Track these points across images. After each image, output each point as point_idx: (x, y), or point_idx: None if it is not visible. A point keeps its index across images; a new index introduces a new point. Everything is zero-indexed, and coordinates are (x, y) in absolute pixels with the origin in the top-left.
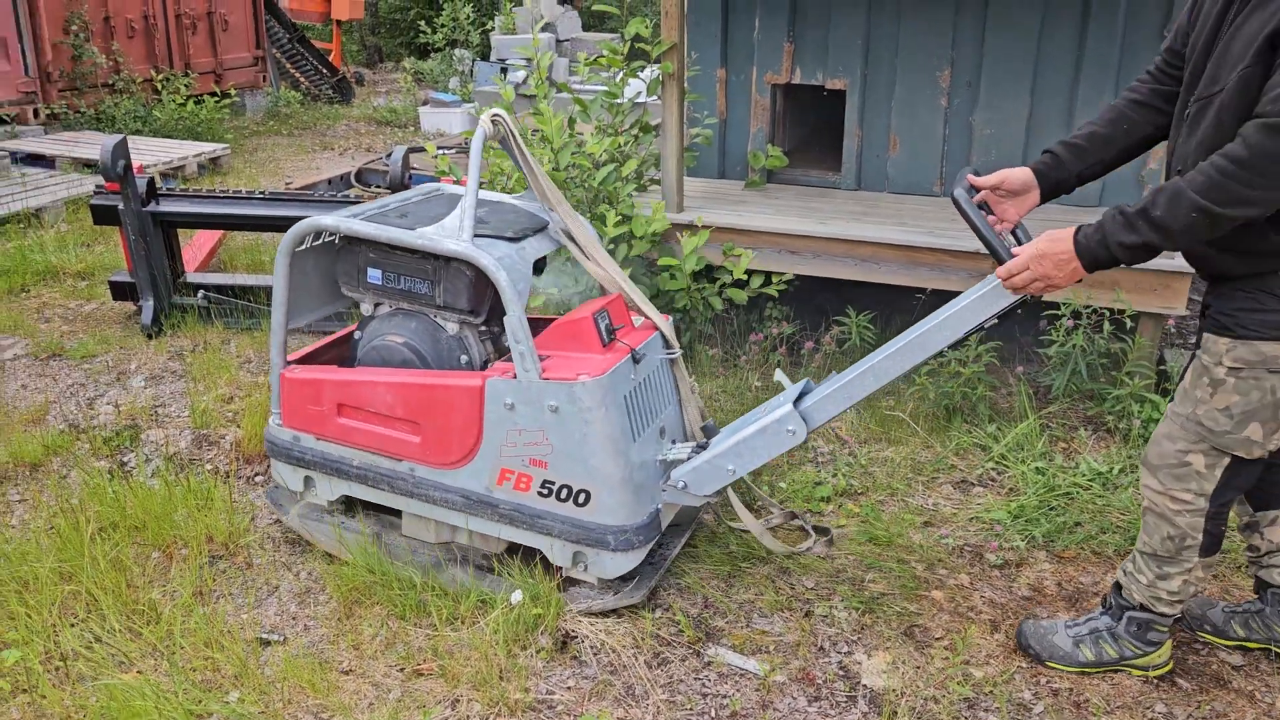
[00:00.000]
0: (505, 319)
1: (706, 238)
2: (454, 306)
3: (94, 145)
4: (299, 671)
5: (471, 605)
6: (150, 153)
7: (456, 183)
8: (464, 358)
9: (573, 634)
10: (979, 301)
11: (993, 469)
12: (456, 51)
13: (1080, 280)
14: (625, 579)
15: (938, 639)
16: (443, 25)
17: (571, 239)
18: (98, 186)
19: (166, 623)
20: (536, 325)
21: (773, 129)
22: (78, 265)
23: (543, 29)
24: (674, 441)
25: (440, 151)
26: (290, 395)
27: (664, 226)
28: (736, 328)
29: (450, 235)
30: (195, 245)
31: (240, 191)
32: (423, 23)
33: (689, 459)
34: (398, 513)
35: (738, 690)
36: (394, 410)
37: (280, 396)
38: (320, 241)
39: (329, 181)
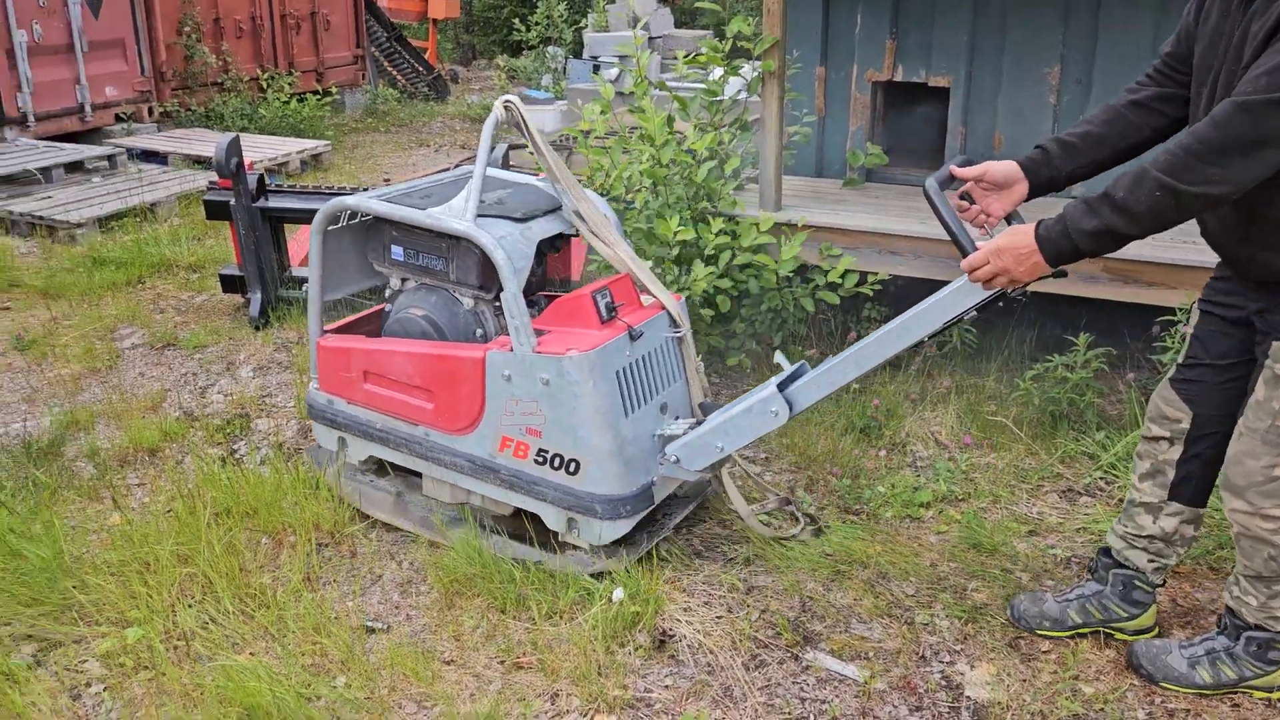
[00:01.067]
0: (502, 295)
1: (804, 239)
2: (466, 282)
3: (204, 142)
4: (403, 660)
5: (570, 600)
6: (256, 149)
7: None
8: (479, 331)
9: (670, 633)
10: (956, 294)
11: (1101, 478)
12: (549, 49)
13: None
14: (620, 544)
15: (1044, 652)
16: (536, 23)
17: (582, 219)
18: (211, 183)
19: (277, 607)
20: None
21: (872, 127)
22: (189, 258)
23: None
24: (677, 418)
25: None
26: (325, 361)
27: (767, 240)
28: (834, 328)
29: (456, 215)
30: (300, 240)
31: (344, 188)
32: (516, 20)
33: (684, 435)
34: (420, 474)
35: (837, 696)
36: (410, 378)
37: (317, 362)
38: (356, 220)
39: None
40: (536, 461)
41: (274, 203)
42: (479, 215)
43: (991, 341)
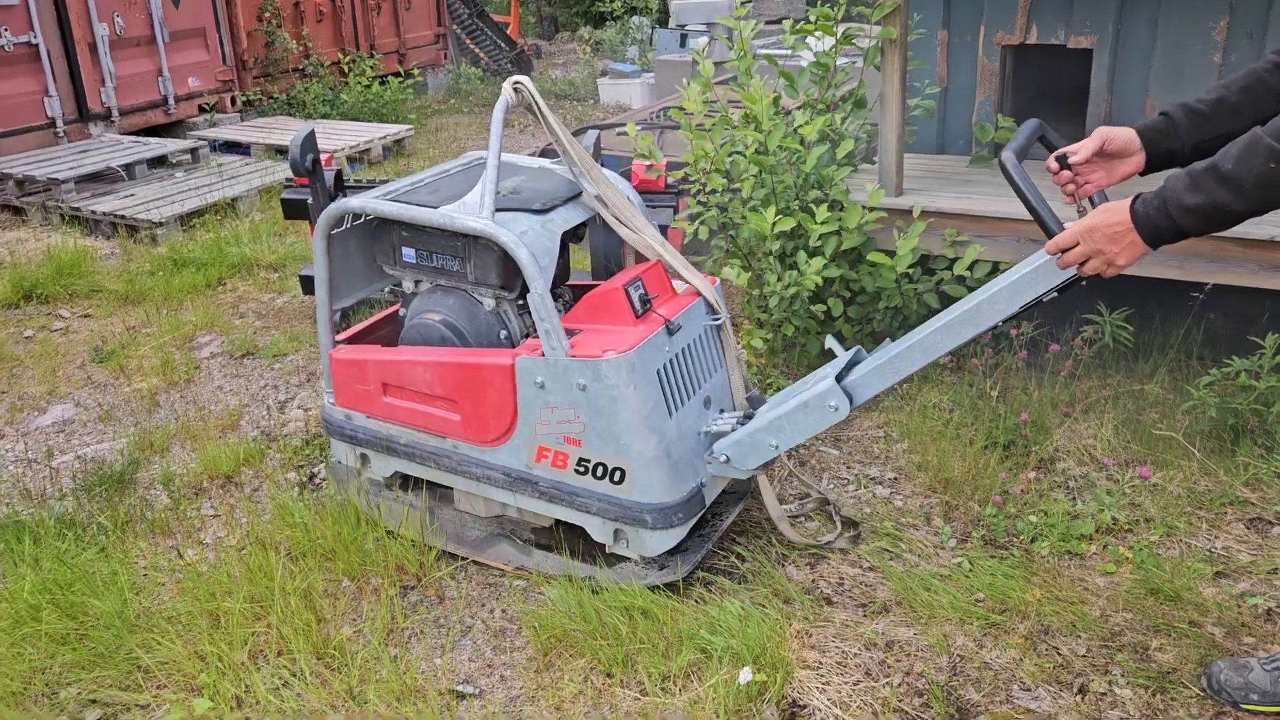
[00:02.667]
0: (528, 296)
1: (922, 229)
2: (486, 282)
3: (286, 131)
4: None
5: (684, 664)
6: (338, 137)
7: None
8: (503, 333)
9: (801, 704)
10: (1034, 275)
11: None
12: (634, 19)
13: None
14: (672, 553)
15: None
16: None
17: (604, 204)
18: (287, 180)
19: (358, 669)
20: (581, 292)
21: (1001, 97)
22: (270, 257)
23: None
24: (721, 411)
25: (641, 130)
26: (339, 375)
27: (874, 226)
28: None
29: (471, 212)
30: None
31: None
32: None
33: (733, 431)
34: (451, 487)
35: None
36: (433, 389)
37: (330, 376)
38: (361, 221)
39: None
40: (577, 471)
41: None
42: (497, 209)
43: (1151, 340)
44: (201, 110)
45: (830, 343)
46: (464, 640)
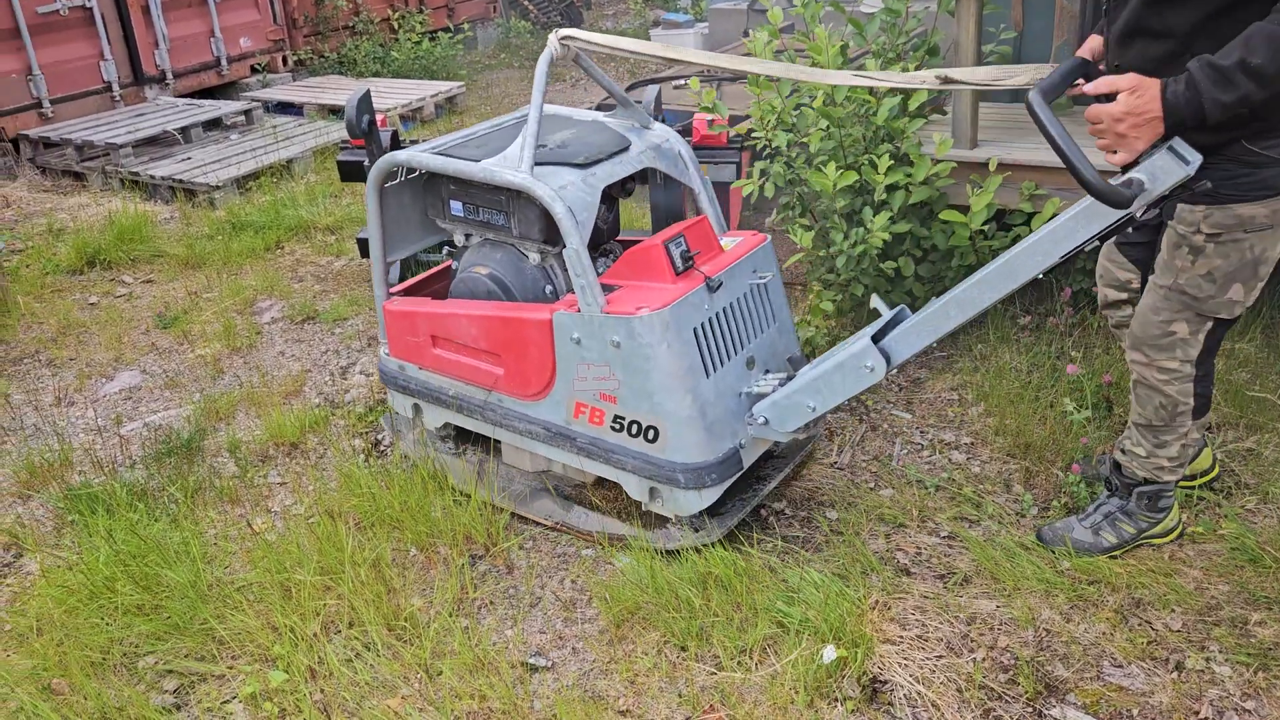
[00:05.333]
0: (564, 251)
1: (998, 184)
2: (530, 236)
3: (338, 90)
4: (572, 709)
5: (760, 638)
6: (390, 95)
7: (711, 122)
8: (549, 287)
9: (882, 679)
10: (1075, 221)
11: None
12: None
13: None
14: (711, 513)
15: None
16: None
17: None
18: (344, 143)
19: (430, 640)
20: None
21: (1080, 40)
22: (327, 219)
23: None
24: (766, 372)
25: (705, 85)
26: (392, 326)
27: (946, 181)
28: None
29: (511, 165)
30: None
31: None
32: None
33: (772, 393)
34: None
35: None
36: (478, 342)
37: (385, 327)
38: (414, 175)
39: None
40: (613, 428)
41: None
42: (538, 163)
43: None
44: (254, 71)
45: (875, 302)
46: (534, 611)
